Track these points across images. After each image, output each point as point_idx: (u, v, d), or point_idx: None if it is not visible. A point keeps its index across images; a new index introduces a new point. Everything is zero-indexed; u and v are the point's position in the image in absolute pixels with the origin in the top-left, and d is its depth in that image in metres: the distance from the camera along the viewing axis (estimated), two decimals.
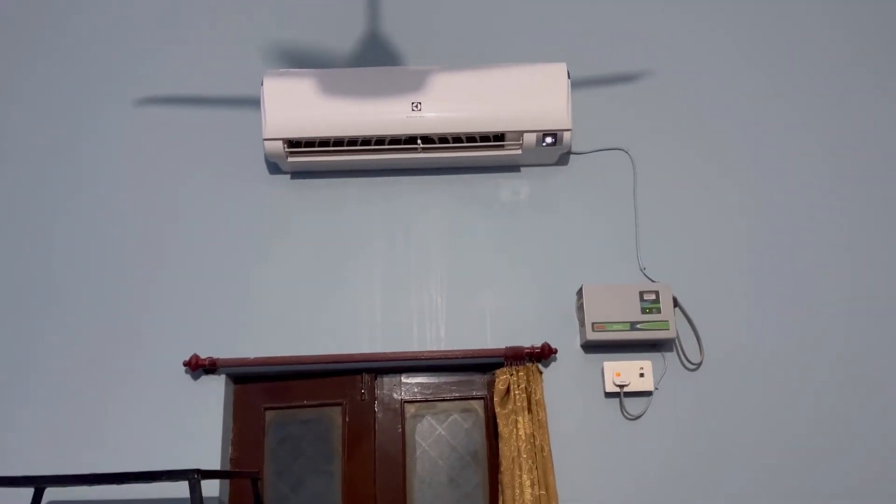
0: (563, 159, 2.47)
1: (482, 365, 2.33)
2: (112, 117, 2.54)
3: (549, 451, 2.13)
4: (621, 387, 2.22)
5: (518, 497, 2.08)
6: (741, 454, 2.20)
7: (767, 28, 2.63)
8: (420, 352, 2.27)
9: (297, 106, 2.29)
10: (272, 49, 2.59)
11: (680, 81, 2.56)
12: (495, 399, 2.18)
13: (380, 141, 2.32)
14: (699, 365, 2.27)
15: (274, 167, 2.46)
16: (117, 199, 2.45)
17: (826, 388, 2.26)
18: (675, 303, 2.27)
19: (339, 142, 2.32)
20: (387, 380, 2.35)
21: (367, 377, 2.34)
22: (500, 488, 2.13)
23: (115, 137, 2.52)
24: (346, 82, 2.31)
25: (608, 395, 2.25)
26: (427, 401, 2.34)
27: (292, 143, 2.32)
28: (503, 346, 2.26)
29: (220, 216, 2.43)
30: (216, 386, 2.27)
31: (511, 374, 2.20)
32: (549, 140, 2.32)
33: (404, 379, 2.36)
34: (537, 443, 2.13)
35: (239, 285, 2.36)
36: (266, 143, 2.30)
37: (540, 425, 2.15)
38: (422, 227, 2.42)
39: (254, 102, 2.51)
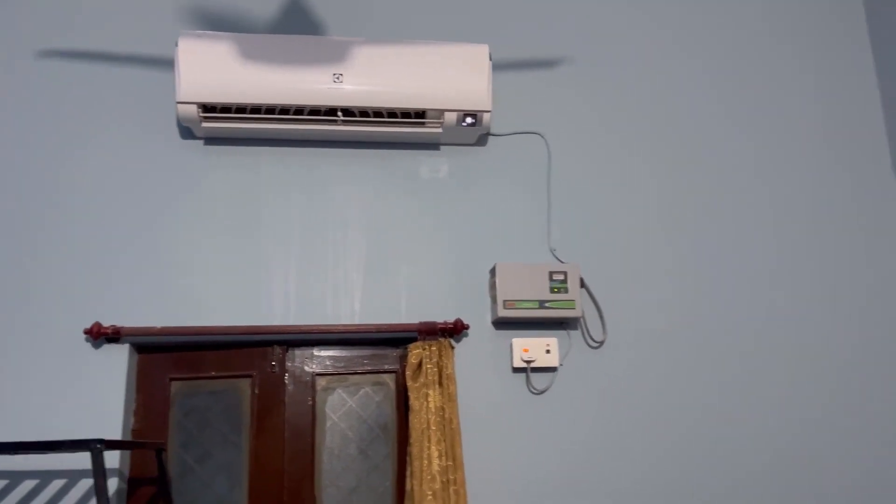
0: (482, 140, 2.51)
1: (395, 339, 2.36)
2: (15, 71, 2.37)
3: (458, 423, 2.20)
4: (528, 362, 2.31)
5: (426, 468, 2.13)
6: (639, 428, 2.34)
7: (685, 19, 2.75)
8: (333, 325, 2.28)
9: (213, 70, 2.22)
10: (188, 9, 2.49)
11: (597, 69, 2.64)
12: (407, 373, 2.22)
13: (299, 111, 2.29)
14: (602, 343, 2.39)
15: (187, 132, 2.38)
16: (19, 158, 2.31)
17: (720, 367, 2.42)
18: (582, 283, 2.38)
19: (256, 109, 2.27)
20: (298, 352, 2.35)
21: (278, 349, 2.32)
22: (408, 459, 2.18)
23: (17, 92, 2.36)
24: (266, 49, 2.25)
25: (516, 370, 2.33)
26: (339, 374, 2.35)
27: (207, 108, 2.25)
28: (417, 322, 2.30)
29: (128, 180, 2.33)
30: (119, 355, 2.19)
31: (424, 349, 2.24)
32: (469, 120, 2.35)
33: (316, 352, 2.35)
34: (446, 415, 2.19)
35: (146, 252, 2.28)
36: (179, 106, 2.22)
37: (450, 398, 2.21)
38: (340, 200, 2.41)
39: (167, 63, 2.41)
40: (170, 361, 2.29)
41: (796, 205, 2.61)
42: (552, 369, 2.34)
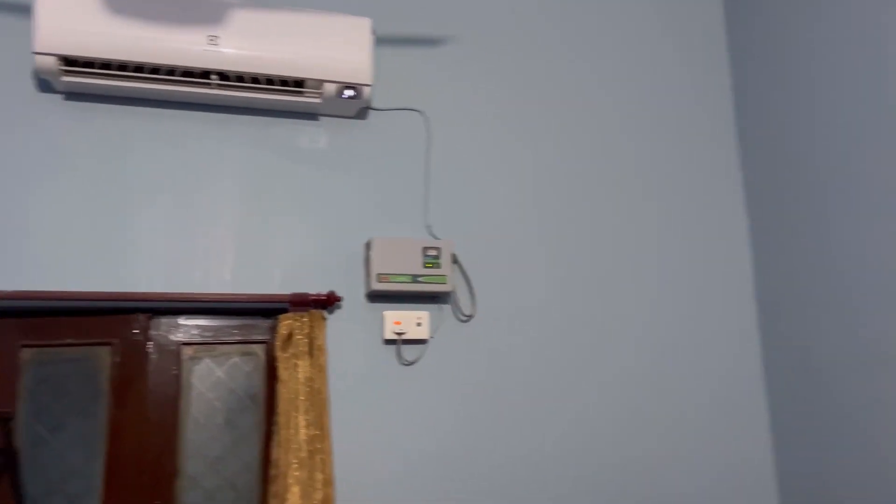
0: (362, 113, 2.51)
1: (267, 310, 2.34)
2: None
3: (327, 393, 2.23)
4: (399, 335, 2.36)
5: (292, 437, 2.15)
6: (504, 397, 2.45)
7: (570, 2, 2.82)
8: (202, 293, 2.23)
9: (76, 20, 2.09)
10: None
11: (480, 50, 2.68)
12: (277, 343, 2.22)
13: (170, 71, 2.20)
14: (471, 317, 2.48)
15: (45, 84, 2.23)
16: None
17: (585, 343, 2.56)
18: (455, 259, 2.45)
19: (123, 66, 2.16)
20: (164, 321, 2.28)
21: (142, 317, 2.25)
22: (275, 429, 2.18)
23: None
24: (136, 3, 2.14)
25: (387, 342, 2.38)
26: (206, 343, 2.31)
27: (68, 61, 2.11)
28: (289, 293, 2.29)
29: None
30: None
31: (295, 320, 2.24)
32: (349, 93, 2.35)
33: (183, 320, 2.30)
34: (315, 386, 2.21)
35: None
36: (36, 57, 2.08)
37: (320, 369, 2.23)
38: (213, 166, 2.34)
39: (24, 10, 2.23)
40: (21, 327, 2.17)
41: (659, 193, 2.78)
42: (422, 342, 2.41)
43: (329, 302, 2.31)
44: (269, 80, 2.28)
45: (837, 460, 2.35)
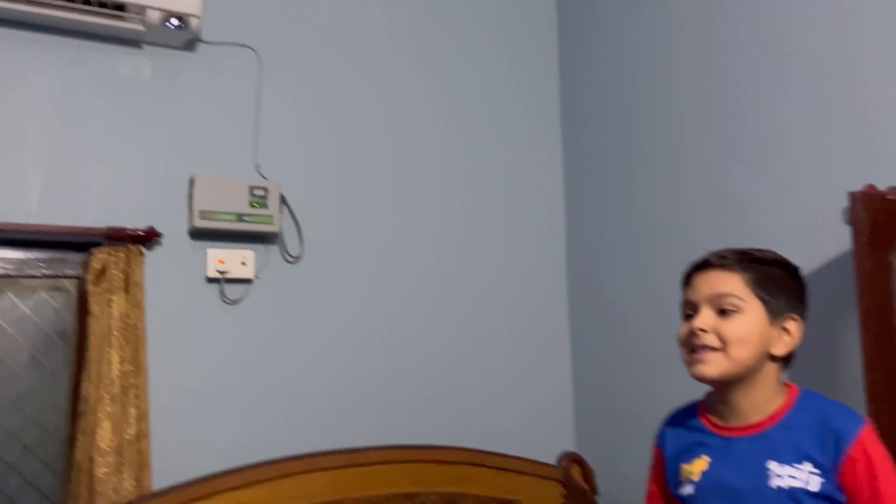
0: (191, 45, 2.43)
1: (80, 243, 2.24)
2: None
3: (143, 329, 2.19)
4: (223, 273, 2.36)
5: (105, 372, 2.11)
6: (330, 338, 2.53)
7: None
8: (3, 223, 2.10)
9: None
10: None
11: None
12: (89, 278, 2.14)
13: None
14: (298, 258, 2.52)
15: None
16: None
17: (406, 283, 2.68)
18: (283, 200, 2.47)
19: None
20: None
21: None
22: (85, 364, 2.13)
23: None
24: None
25: (209, 280, 2.37)
26: (9, 276, 2.19)
27: None
28: (105, 226, 2.21)
29: None
30: None
31: (110, 254, 2.18)
32: (175, 22, 2.26)
33: None
34: (131, 322, 2.17)
35: None
36: None
37: (136, 305, 2.19)
38: (18, 88, 2.18)
39: None
40: None
41: (485, 140, 2.91)
42: (247, 281, 2.42)
43: (147, 237, 2.25)
44: (86, 1, 2.15)
45: (626, 387, 2.67)
